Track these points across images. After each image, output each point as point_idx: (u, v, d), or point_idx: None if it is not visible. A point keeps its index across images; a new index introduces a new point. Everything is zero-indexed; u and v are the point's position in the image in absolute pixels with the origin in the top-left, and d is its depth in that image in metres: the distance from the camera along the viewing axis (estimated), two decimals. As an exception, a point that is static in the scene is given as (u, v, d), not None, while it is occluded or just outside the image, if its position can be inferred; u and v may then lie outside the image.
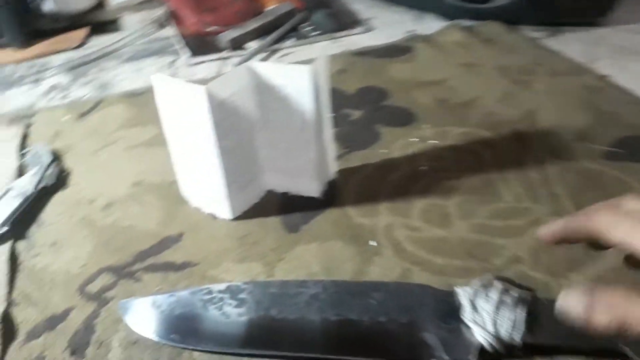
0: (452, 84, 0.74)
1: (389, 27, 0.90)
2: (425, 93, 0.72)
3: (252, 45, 0.82)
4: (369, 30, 0.88)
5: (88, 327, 0.44)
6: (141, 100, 0.70)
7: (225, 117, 0.48)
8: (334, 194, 0.57)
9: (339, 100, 0.72)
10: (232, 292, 0.44)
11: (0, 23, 0.79)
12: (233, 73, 0.48)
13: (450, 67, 0.78)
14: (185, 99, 0.46)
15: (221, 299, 0.43)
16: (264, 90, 0.50)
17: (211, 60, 0.80)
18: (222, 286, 0.44)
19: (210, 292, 0.44)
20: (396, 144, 0.64)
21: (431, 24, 0.90)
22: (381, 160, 0.62)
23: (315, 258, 0.50)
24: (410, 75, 0.76)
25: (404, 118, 0.68)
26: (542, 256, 0.50)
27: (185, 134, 0.49)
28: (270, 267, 0.49)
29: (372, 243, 0.51)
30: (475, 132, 0.66)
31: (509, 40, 0.84)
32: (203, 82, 0.45)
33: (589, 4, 0.84)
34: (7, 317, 0.44)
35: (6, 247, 0.51)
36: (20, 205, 0.54)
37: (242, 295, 0.43)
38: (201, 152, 0.49)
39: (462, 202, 0.56)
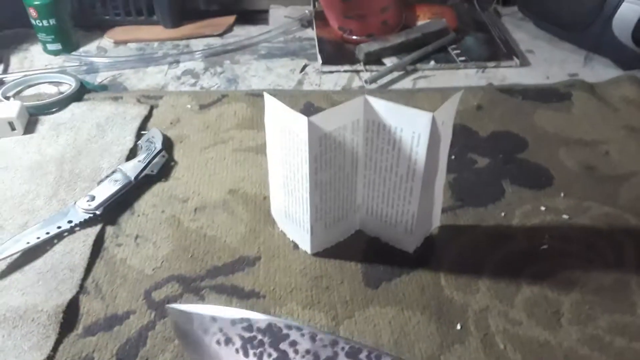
0: (608, 149, 0.62)
1: (550, 65, 0.78)
2: (572, 154, 0.62)
3: (390, 61, 0.77)
4: (524, 64, 0.78)
5: (141, 338, 0.43)
6: (262, 103, 0.68)
7: (324, 151, 0.44)
8: (430, 254, 0.50)
9: (468, 141, 0.64)
10: (274, 336, 0.39)
11: (155, 0, 0.82)
12: (345, 106, 0.43)
13: (611, 128, 0.66)
14: (289, 125, 0.43)
15: (260, 343, 0.39)
16: (375, 128, 0.45)
17: (343, 71, 0.76)
18: (263, 323, 0.40)
19: (250, 329, 0.40)
20: (520, 210, 0.55)
21: (600, 70, 0.77)
22: (496, 224, 0.54)
23: (388, 326, 0.44)
24: (560, 128, 0.66)
25: (538, 179, 0.59)
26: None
27: (284, 157, 0.46)
28: (336, 323, 0.44)
29: (458, 327, 0.44)
30: (620, 216, 0.54)
31: (696, 107, 0.69)
32: (330, 97, 0.41)
33: None
34: (74, 305, 0.45)
35: (95, 230, 0.52)
36: (119, 190, 0.55)
37: (283, 346, 0.39)
38: (294, 181, 0.46)
39: (582, 302, 0.46)
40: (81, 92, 0.70)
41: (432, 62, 0.77)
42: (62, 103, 0.68)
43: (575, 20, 0.78)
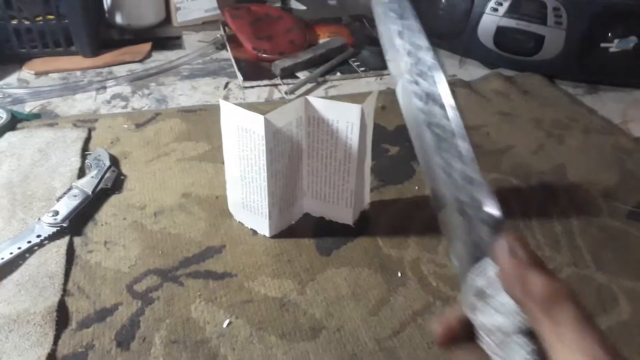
0: (488, 130, 0.78)
1: (432, 69, 0.94)
2: (461, 137, 0.76)
3: (302, 74, 0.87)
4: (412, 70, 0.93)
5: (134, 323, 0.48)
6: (195, 117, 0.76)
7: (277, 144, 0.52)
8: (366, 224, 0.61)
9: (379, 135, 0.76)
10: None
11: (73, 31, 0.85)
12: (290, 105, 0.52)
13: (487, 114, 0.81)
14: (245, 125, 0.51)
15: None
16: (314, 122, 0.55)
17: (263, 85, 0.85)
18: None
19: None
20: (429, 183, 0.67)
21: (473, 71, 0.94)
22: (413, 196, 0.66)
23: (344, 282, 0.53)
24: (449, 118, 0.80)
25: (438, 159, 0.72)
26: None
27: (241, 155, 0.54)
28: (302, 286, 0.53)
29: (399, 275, 0.55)
30: (505, 179, 0.69)
31: (547, 94, 0.87)
32: (256, 108, 0.50)
33: (634, 66, 0.87)
34: (62, 306, 0.49)
35: (64, 241, 0.56)
36: (80, 204, 0.59)
37: None
38: (252, 172, 0.54)
39: (488, 245, 0.59)
40: (13, 122, 0.72)
41: (338, 73, 0.89)
42: (-3, 133, 0.69)
43: (448, 31, 0.95)
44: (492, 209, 0.28)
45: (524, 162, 0.72)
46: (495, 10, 0.88)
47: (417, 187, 0.67)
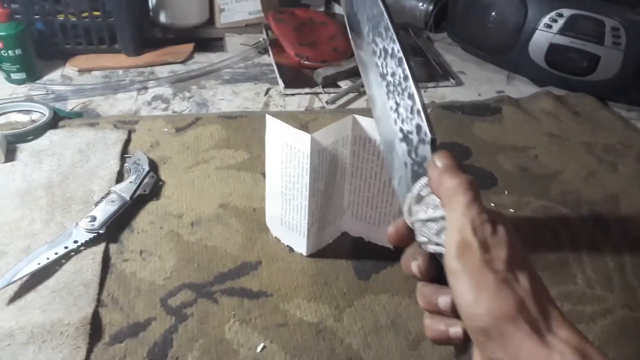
0: (537, 153, 0.74)
1: (479, 83, 0.91)
2: (509, 158, 0.73)
3: (344, 84, 0.85)
4: (459, 84, 0.90)
5: (167, 341, 0.47)
6: (235, 124, 0.74)
7: (321, 163, 0.51)
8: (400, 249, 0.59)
9: (422, 152, 0.73)
10: None
11: (118, 29, 0.85)
12: (337, 124, 0.51)
13: (536, 135, 0.78)
14: (291, 142, 0.50)
15: None
16: (361, 141, 0.53)
17: (304, 93, 0.83)
18: None
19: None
20: (473, 207, 0.65)
21: (521, 87, 0.90)
22: (457, 221, 0.63)
23: (383, 310, 0.51)
24: (496, 138, 0.77)
25: (485, 181, 0.69)
26: (610, 349, 0.49)
27: (283, 171, 0.52)
28: (339, 312, 0.51)
29: (440, 306, 0.52)
30: (554, 208, 0.66)
31: (598, 116, 0.83)
32: (297, 117, 0.48)
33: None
34: (96, 317, 0.48)
35: (100, 248, 0.55)
36: (117, 210, 0.58)
37: None
38: (294, 190, 0.52)
39: (534, 278, 0.56)
40: (56, 120, 0.72)
41: (381, 84, 0.87)
42: (39, 131, 0.69)
43: (497, 46, 0.91)
44: (430, 132, 0.35)
45: (573, 189, 0.69)
46: (549, 27, 0.85)
47: (460, 211, 0.64)
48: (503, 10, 0.89)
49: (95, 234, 0.55)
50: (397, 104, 0.39)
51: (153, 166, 0.66)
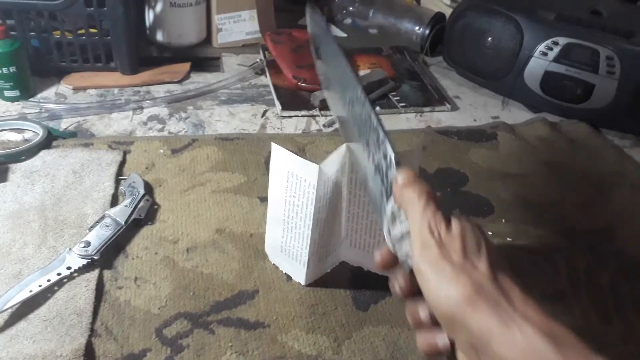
0: (533, 181, 0.74)
1: (475, 108, 0.91)
2: (506, 185, 0.73)
3: (341, 106, 0.85)
4: (454, 109, 0.90)
5: (162, 373, 0.46)
6: (232, 146, 0.74)
7: (325, 194, 0.50)
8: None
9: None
10: None
11: (114, 47, 0.85)
12: (338, 152, 0.50)
13: (533, 163, 0.78)
14: (297, 171, 0.49)
15: None
16: (357, 169, 0.53)
17: (301, 115, 0.83)
18: None
19: None
20: (471, 236, 0.65)
21: (516, 113, 0.91)
22: (455, 249, 0.63)
23: (382, 342, 0.51)
24: (492, 164, 0.77)
25: (481, 208, 0.69)
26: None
27: (287, 200, 0.52)
28: (338, 344, 0.50)
29: (440, 338, 0.52)
30: (551, 237, 0.66)
31: (593, 144, 0.84)
32: (294, 140, 0.48)
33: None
34: (89, 348, 0.47)
35: (94, 275, 0.54)
36: (112, 235, 0.57)
37: None
38: (297, 219, 0.52)
39: (533, 310, 0.56)
40: (49, 139, 0.71)
41: (378, 108, 0.87)
42: (32, 150, 0.68)
43: (493, 71, 0.92)
44: (391, 151, 0.39)
45: (570, 218, 0.69)
46: (545, 54, 0.86)
47: (458, 239, 0.64)
48: (499, 37, 0.90)
49: (89, 260, 0.54)
50: (367, 142, 0.44)
51: (148, 189, 0.65)
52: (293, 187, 0.50)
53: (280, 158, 0.51)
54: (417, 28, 1.06)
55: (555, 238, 0.65)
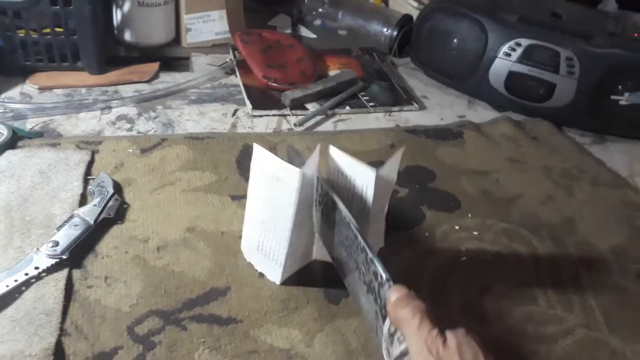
0: (497, 177, 0.77)
1: (442, 108, 0.93)
2: (471, 182, 0.75)
3: (312, 106, 0.86)
4: (422, 108, 0.92)
5: (134, 370, 0.46)
6: (202, 145, 0.74)
7: (306, 196, 0.51)
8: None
9: (388, 175, 0.74)
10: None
11: (81, 46, 0.83)
12: (316, 154, 0.51)
13: (497, 160, 0.80)
14: (278, 174, 0.50)
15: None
16: (334, 172, 0.54)
17: (272, 115, 0.84)
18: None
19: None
20: (439, 229, 0.66)
21: (482, 112, 0.93)
22: (422, 243, 0.64)
23: (354, 335, 0.52)
24: (458, 161, 0.79)
25: (449, 204, 0.71)
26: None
27: (267, 201, 0.52)
28: (310, 337, 0.51)
29: (409, 329, 0.53)
30: (515, 230, 0.68)
31: (555, 141, 0.87)
32: (265, 139, 0.49)
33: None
34: (59, 347, 0.47)
35: (63, 274, 0.53)
36: (81, 235, 0.57)
37: None
38: (276, 220, 0.52)
39: (499, 299, 0.58)
40: (14, 139, 0.69)
41: (348, 107, 0.88)
42: (-3, 151, 0.67)
43: (459, 72, 0.94)
44: (386, 276, 0.42)
45: (533, 212, 0.71)
46: (508, 55, 0.88)
47: (426, 234, 0.65)
48: (464, 38, 0.92)
49: (58, 260, 0.54)
50: (357, 261, 0.47)
51: (117, 188, 0.65)
52: (274, 189, 0.51)
53: (262, 160, 0.51)
54: (385, 30, 1.08)
55: (520, 231, 0.68)
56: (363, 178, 0.52)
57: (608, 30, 0.90)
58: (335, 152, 0.53)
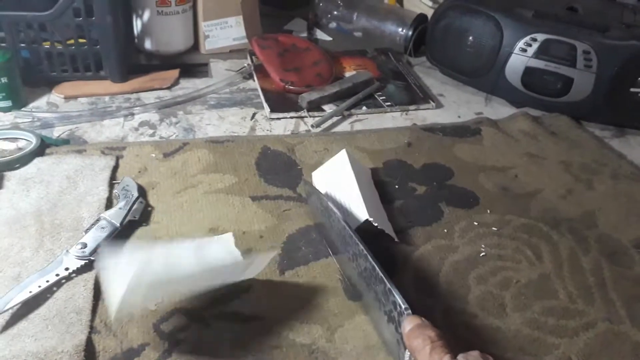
0: (516, 173, 0.77)
1: (459, 106, 0.93)
2: (489, 178, 0.75)
3: (329, 107, 0.87)
4: (439, 106, 0.92)
5: (161, 365, 0.47)
6: (222, 149, 0.75)
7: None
8: (394, 268, 0.60)
9: (406, 173, 0.75)
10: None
11: (104, 56, 0.86)
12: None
13: (515, 156, 0.80)
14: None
15: None
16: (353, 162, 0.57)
17: (289, 117, 0.85)
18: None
19: None
20: (458, 226, 0.67)
21: (499, 109, 0.93)
22: (442, 239, 0.65)
23: (373, 330, 0.52)
24: (477, 158, 0.79)
25: (467, 200, 0.71)
26: (595, 363, 0.51)
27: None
28: (331, 333, 0.52)
29: (429, 324, 0.54)
30: (535, 225, 0.68)
31: (574, 136, 0.87)
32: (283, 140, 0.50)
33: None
34: (89, 344, 0.48)
35: (92, 275, 0.55)
36: (108, 236, 0.59)
37: None
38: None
39: (518, 294, 0.58)
40: (42, 147, 0.72)
41: (364, 108, 0.89)
42: (27, 158, 0.69)
43: (475, 69, 0.94)
44: (404, 305, 0.45)
45: (552, 207, 0.71)
46: (524, 50, 0.88)
47: (445, 230, 0.66)
48: (479, 35, 0.92)
49: (87, 261, 0.56)
50: (376, 292, 0.49)
51: (142, 192, 0.67)
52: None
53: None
54: (400, 30, 1.08)
55: (539, 226, 0.68)
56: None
57: (625, 22, 0.89)
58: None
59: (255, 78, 0.94)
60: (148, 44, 0.98)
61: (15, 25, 0.81)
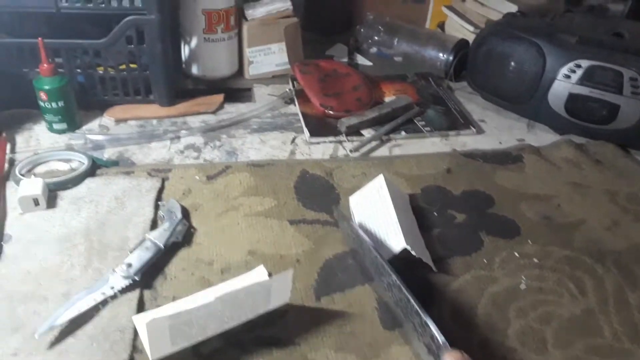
0: (559, 202, 0.75)
1: (500, 132, 0.93)
2: (531, 207, 0.74)
3: (367, 132, 0.88)
4: (479, 132, 0.92)
5: (199, 387, 0.48)
6: (263, 172, 0.77)
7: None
8: (432, 298, 0.59)
9: (445, 200, 0.75)
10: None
11: (153, 81, 0.90)
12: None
13: (558, 184, 0.79)
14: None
15: None
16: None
17: (328, 141, 0.86)
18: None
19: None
20: (498, 256, 0.66)
21: (542, 135, 0.92)
22: (481, 269, 0.64)
23: (409, 361, 0.52)
24: (517, 186, 0.78)
25: (508, 230, 0.70)
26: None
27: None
28: (366, 362, 0.52)
29: (466, 357, 0.53)
30: (578, 257, 0.66)
31: (620, 164, 0.84)
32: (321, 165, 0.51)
33: None
34: (134, 363, 0.50)
35: (135, 294, 0.57)
36: (152, 257, 0.61)
37: None
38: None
39: (560, 329, 0.57)
40: (94, 168, 0.75)
41: (403, 132, 0.89)
42: (79, 179, 0.73)
43: (517, 95, 0.94)
44: (441, 339, 0.46)
45: (597, 239, 0.69)
46: (568, 77, 0.87)
47: (485, 260, 0.65)
48: (521, 61, 0.91)
49: (131, 281, 0.58)
50: (413, 323, 0.51)
51: (185, 213, 0.69)
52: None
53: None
54: (441, 55, 1.09)
55: (583, 259, 0.66)
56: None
57: (675, 48, 0.87)
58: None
59: (296, 103, 0.96)
60: (195, 70, 1.01)
61: (72, 52, 0.86)
